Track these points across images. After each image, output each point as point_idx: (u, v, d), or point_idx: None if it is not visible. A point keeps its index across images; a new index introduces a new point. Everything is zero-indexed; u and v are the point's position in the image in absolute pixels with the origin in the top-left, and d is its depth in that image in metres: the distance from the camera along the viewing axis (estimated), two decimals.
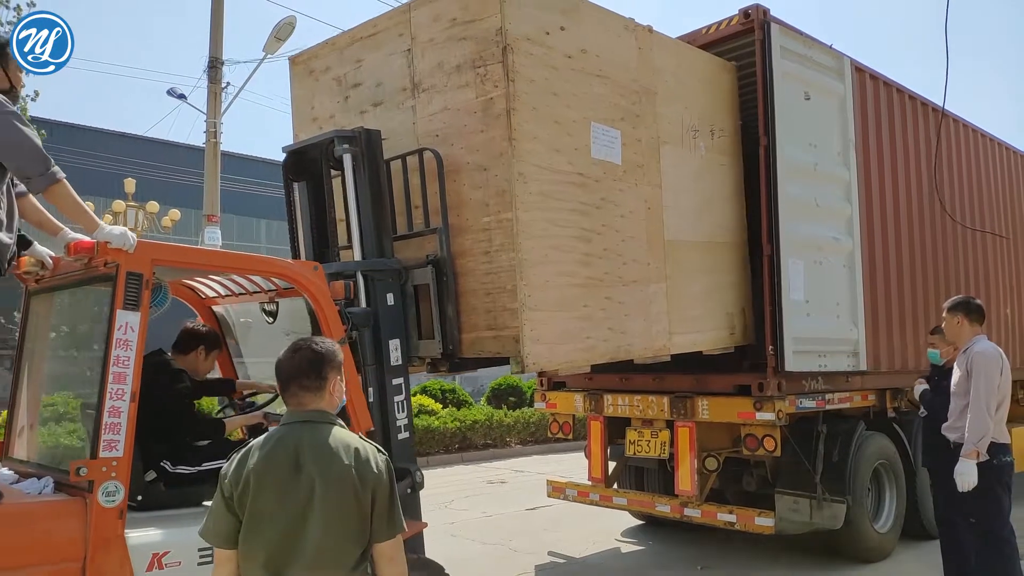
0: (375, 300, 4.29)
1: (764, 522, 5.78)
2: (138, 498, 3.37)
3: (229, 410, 4.59)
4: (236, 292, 4.38)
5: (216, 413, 4.72)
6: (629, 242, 4.95)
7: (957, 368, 5.02)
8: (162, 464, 3.63)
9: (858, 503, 6.21)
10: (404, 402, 4.31)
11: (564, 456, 12.32)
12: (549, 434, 8.01)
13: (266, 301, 4.30)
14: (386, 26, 4.87)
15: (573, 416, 7.24)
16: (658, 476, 7.05)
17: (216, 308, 4.60)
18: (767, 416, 5.70)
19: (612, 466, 6.93)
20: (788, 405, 5.85)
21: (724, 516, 5.90)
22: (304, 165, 4.69)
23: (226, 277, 4.20)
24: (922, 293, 7.18)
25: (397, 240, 4.60)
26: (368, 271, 4.31)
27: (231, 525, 2.27)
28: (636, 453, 6.43)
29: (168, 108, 77.82)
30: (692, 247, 5.51)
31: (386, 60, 4.86)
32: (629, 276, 4.94)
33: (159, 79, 51.16)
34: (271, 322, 4.29)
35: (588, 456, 6.85)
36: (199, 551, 3.10)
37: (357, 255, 4.38)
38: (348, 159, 4.37)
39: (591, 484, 6.80)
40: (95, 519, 3.00)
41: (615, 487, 6.94)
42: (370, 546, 2.29)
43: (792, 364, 5.76)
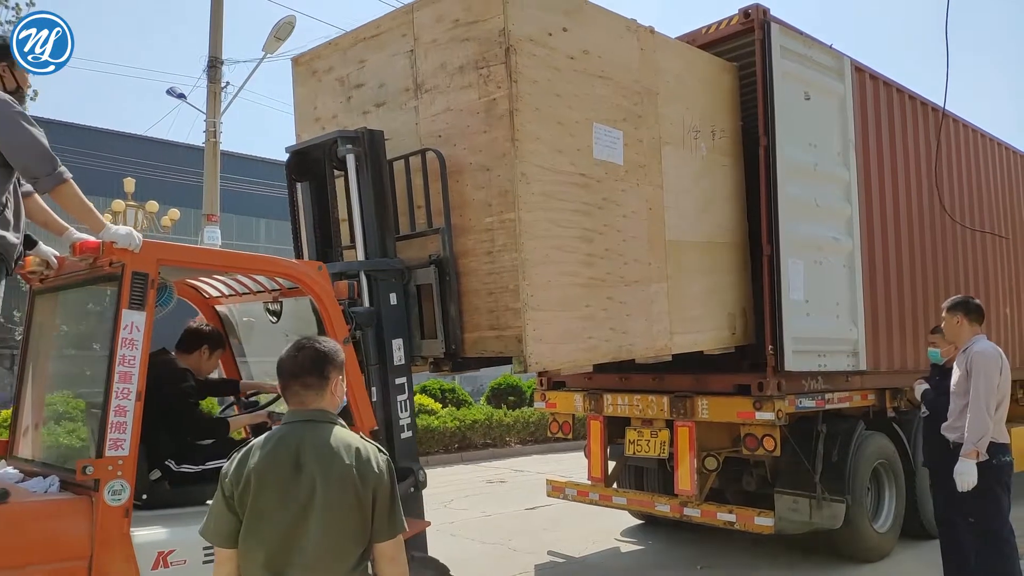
0: (378, 300, 4.31)
1: (764, 522, 5.79)
2: (143, 497, 3.39)
3: (231, 410, 4.61)
4: (240, 292, 4.40)
5: (219, 413, 4.73)
6: (631, 242, 4.97)
7: (957, 368, 5.03)
8: (167, 463, 3.64)
9: (857, 503, 6.21)
10: (407, 401, 4.32)
11: (564, 456, 12.31)
12: (549, 434, 8.01)
13: (270, 301, 4.32)
14: (389, 27, 4.88)
15: (573, 416, 7.24)
16: (658, 476, 7.04)
17: (219, 307, 4.61)
18: (767, 416, 5.71)
19: (612, 466, 6.93)
20: (788, 405, 5.86)
21: (724, 516, 5.91)
22: (307, 165, 4.71)
23: (230, 277, 4.22)
24: (922, 293, 7.19)
25: (400, 240, 4.61)
26: (371, 271, 4.33)
27: (231, 524, 2.27)
28: (636, 453, 6.44)
29: (168, 108, 77.90)
30: (693, 247, 5.53)
31: (389, 61, 4.87)
32: (631, 276, 4.96)
33: (159, 79, 51.09)
34: (275, 322, 4.31)
35: (588, 456, 6.85)
36: (204, 550, 3.11)
37: (360, 255, 4.40)
38: (351, 159, 4.39)
39: (591, 484, 6.81)
40: (101, 518, 3.01)
41: (615, 487, 6.94)
42: (370, 546, 2.29)
43: (792, 364, 5.77)
